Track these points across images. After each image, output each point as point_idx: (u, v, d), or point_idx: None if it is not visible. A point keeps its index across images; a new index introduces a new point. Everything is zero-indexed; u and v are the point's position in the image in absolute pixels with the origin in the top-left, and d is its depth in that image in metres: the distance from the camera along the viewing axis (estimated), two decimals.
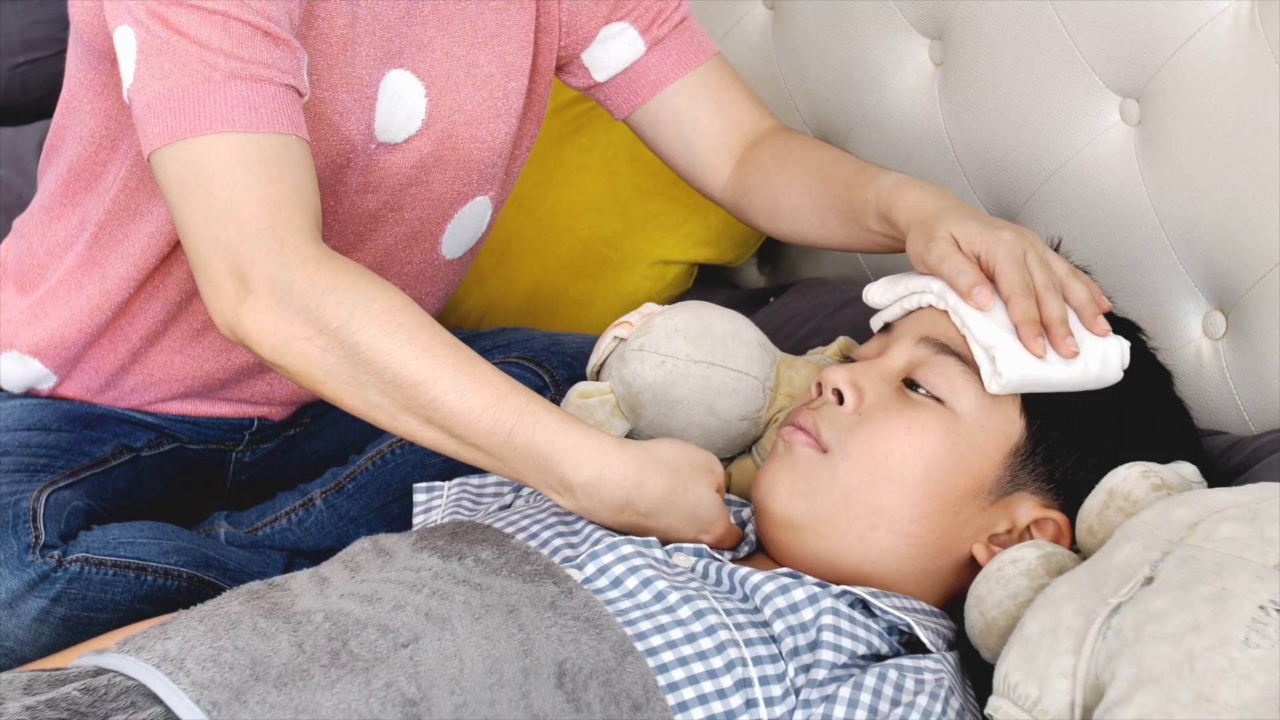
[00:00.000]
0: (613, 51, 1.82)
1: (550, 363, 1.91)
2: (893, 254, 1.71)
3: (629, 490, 1.48)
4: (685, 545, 1.51)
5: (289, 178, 1.48)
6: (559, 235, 2.27)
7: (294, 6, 1.53)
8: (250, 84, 1.47)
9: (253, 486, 1.92)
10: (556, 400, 1.86)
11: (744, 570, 1.47)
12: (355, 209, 1.72)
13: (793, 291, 2.16)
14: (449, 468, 1.80)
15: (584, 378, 1.82)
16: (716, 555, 1.50)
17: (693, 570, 1.49)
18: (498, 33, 1.73)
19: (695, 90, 1.84)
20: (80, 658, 1.40)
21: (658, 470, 1.50)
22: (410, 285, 1.81)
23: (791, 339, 1.98)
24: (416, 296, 1.82)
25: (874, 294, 1.61)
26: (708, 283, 2.31)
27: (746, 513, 1.62)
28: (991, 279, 1.53)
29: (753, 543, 1.59)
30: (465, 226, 1.80)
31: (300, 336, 1.45)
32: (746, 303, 2.16)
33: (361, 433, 1.88)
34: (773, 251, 2.35)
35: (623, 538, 1.48)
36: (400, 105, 1.68)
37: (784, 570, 1.48)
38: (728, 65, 1.88)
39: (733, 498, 1.66)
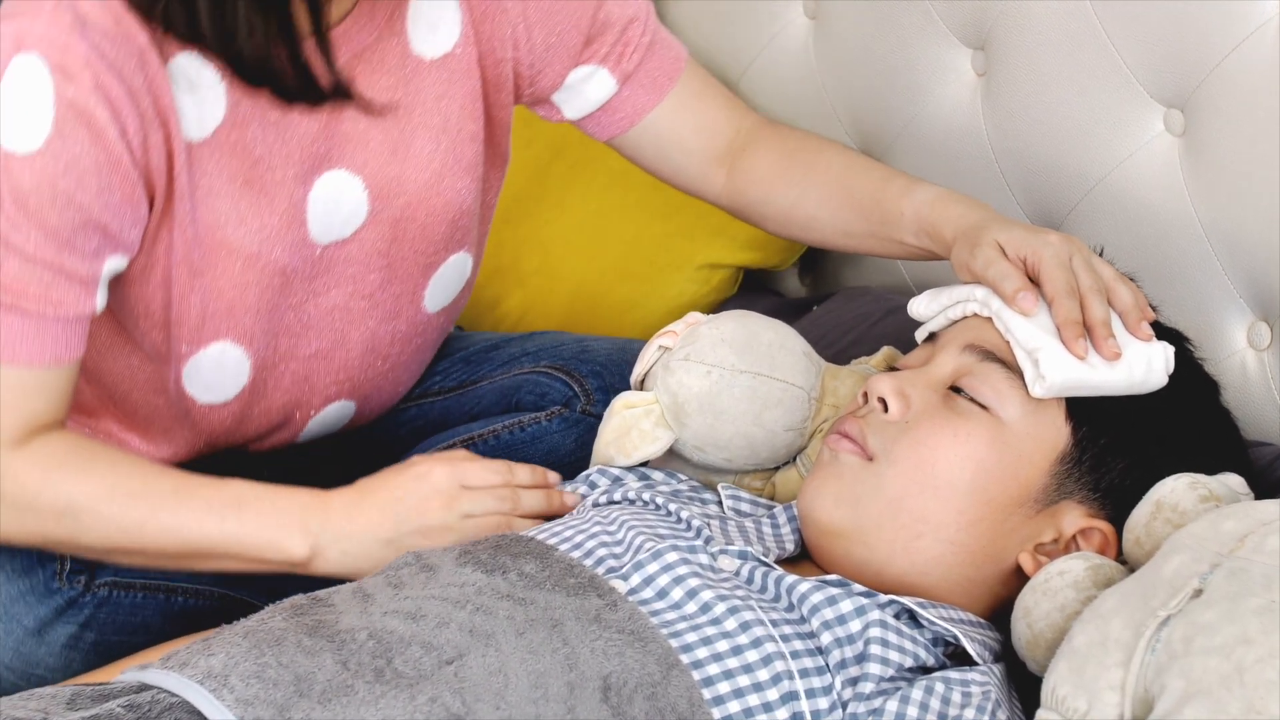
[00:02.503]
0: (584, 94, 1.78)
1: (580, 371, 1.88)
2: (929, 261, 1.71)
3: (386, 517, 1.58)
4: (730, 549, 1.50)
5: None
6: (605, 236, 2.26)
7: (125, 224, 1.51)
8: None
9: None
10: (590, 410, 1.84)
11: (791, 578, 1.47)
12: (323, 308, 1.69)
13: (835, 300, 2.16)
14: None
15: (615, 385, 1.82)
16: (762, 560, 1.50)
17: (737, 574, 1.49)
18: (435, 108, 1.67)
19: (672, 112, 1.81)
20: (124, 673, 1.40)
21: (376, 484, 1.60)
22: (400, 344, 1.78)
23: (833, 349, 1.98)
24: (408, 354, 1.80)
25: (918, 306, 1.62)
26: (751, 289, 2.31)
27: (786, 515, 1.61)
28: (1036, 282, 1.53)
29: (798, 544, 1.58)
30: (447, 282, 1.77)
31: (29, 525, 1.55)
32: (789, 311, 2.16)
33: (391, 445, 1.88)
34: (814, 260, 2.35)
35: (667, 545, 1.48)
36: (339, 207, 1.64)
37: (832, 578, 1.48)
38: (699, 71, 1.84)
39: (760, 499, 1.66)
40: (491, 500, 1.62)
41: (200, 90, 1.52)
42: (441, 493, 1.60)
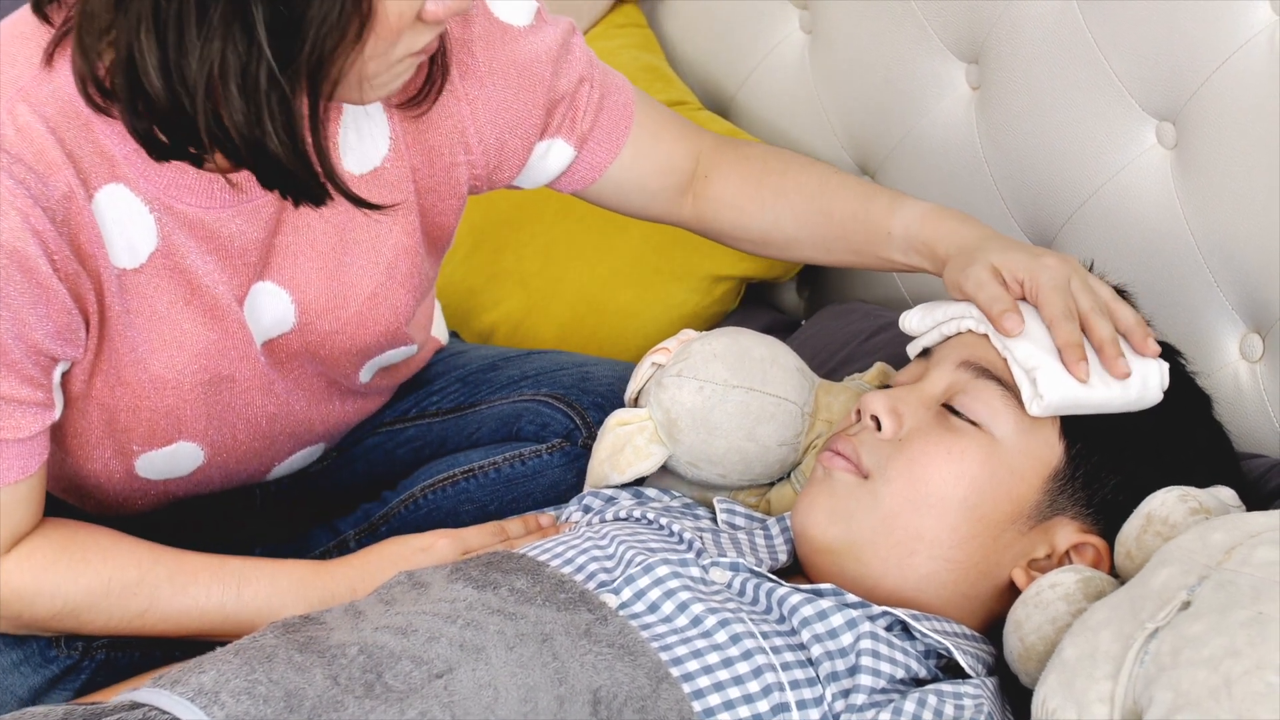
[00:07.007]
0: (543, 168, 1.72)
1: (581, 403, 1.85)
2: (920, 274, 1.72)
3: (353, 583, 1.62)
4: (722, 560, 1.51)
5: None
6: (609, 242, 2.25)
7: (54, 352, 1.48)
8: None
9: (280, 508, 1.90)
10: (591, 443, 1.81)
11: (782, 590, 1.47)
12: (269, 394, 1.67)
13: (822, 316, 2.15)
14: (481, 515, 1.80)
15: None
16: (755, 570, 1.51)
17: (729, 586, 1.49)
18: (365, 225, 1.61)
19: (631, 161, 1.74)
20: (118, 696, 1.40)
21: (375, 558, 1.64)
22: (354, 399, 1.78)
23: (825, 368, 1.97)
24: (365, 401, 1.80)
25: (911, 321, 1.61)
26: (751, 303, 2.31)
27: (779, 526, 1.62)
28: (1035, 305, 1.53)
29: (790, 554, 1.59)
30: (387, 361, 1.75)
31: (25, 623, 1.58)
32: (779, 330, 2.16)
33: (390, 466, 1.88)
34: (813, 273, 2.35)
35: (658, 559, 1.48)
36: (265, 313, 1.60)
37: (825, 587, 1.48)
38: (648, 108, 1.76)
39: (755, 513, 1.66)
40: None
41: (129, 220, 1.48)
42: (447, 562, 1.58)
